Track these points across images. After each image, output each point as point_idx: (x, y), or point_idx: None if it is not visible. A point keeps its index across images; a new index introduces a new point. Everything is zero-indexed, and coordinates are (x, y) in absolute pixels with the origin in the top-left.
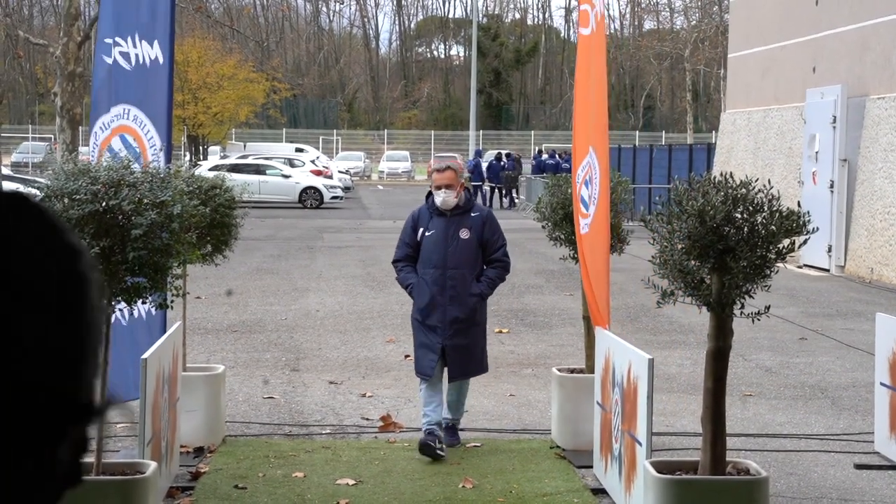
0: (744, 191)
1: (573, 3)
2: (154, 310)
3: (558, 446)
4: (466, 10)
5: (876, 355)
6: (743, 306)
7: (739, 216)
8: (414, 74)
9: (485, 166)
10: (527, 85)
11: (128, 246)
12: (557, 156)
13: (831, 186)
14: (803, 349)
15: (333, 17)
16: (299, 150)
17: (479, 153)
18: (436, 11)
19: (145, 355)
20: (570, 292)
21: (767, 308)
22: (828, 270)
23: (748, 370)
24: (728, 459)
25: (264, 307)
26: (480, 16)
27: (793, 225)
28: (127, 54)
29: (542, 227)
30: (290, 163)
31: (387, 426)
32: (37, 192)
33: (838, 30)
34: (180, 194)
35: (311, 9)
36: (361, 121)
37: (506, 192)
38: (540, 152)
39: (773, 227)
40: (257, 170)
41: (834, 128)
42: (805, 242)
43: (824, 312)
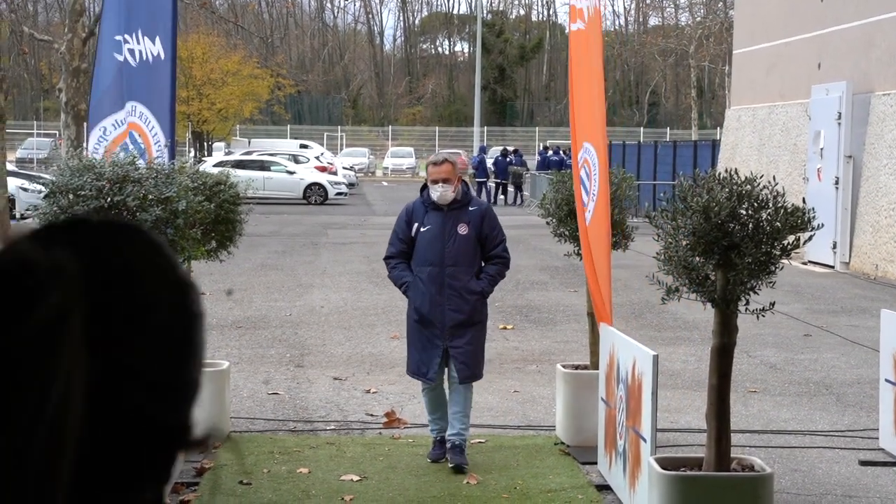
0: (748, 187)
1: None
2: None
3: (563, 442)
4: (471, 6)
5: (881, 352)
6: (748, 303)
7: (744, 213)
8: (418, 71)
9: (490, 162)
10: (531, 81)
11: None
12: (562, 152)
13: (836, 183)
14: (808, 346)
15: (338, 13)
16: (304, 147)
17: (483, 150)
18: (440, 7)
19: None
20: (574, 289)
21: (772, 304)
22: (832, 267)
23: (753, 366)
24: (733, 456)
25: (269, 303)
26: (485, 12)
27: (797, 221)
28: (133, 51)
29: (547, 223)
30: (295, 159)
31: (391, 422)
32: (43, 188)
33: (843, 26)
34: (185, 190)
35: (315, 5)
36: (366, 117)
37: (514, 188)
38: (545, 148)
39: (777, 223)
40: (262, 166)
41: (839, 124)
42: (810, 239)
43: (829, 309)
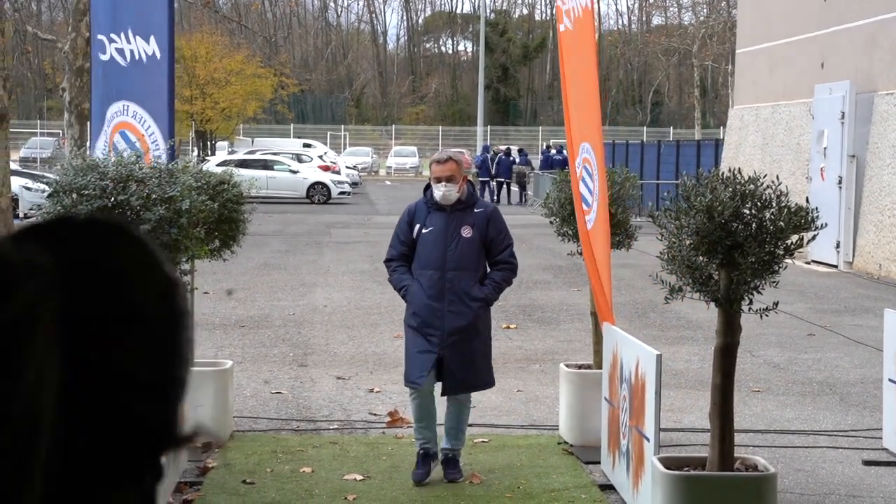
0: (752, 187)
1: None
2: None
3: (566, 442)
4: (474, 5)
5: (884, 351)
6: (751, 302)
7: (747, 212)
8: (421, 70)
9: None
10: (534, 80)
11: None
12: (565, 151)
13: (839, 182)
14: (811, 345)
15: (341, 12)
16: (307, 146)
17: (486, 149)
18: (443, 7)
19: None
20: (577, 288)
21: (775, 304)
22: (836, 266)
23: (756, 366)
24: (736, 455)
25: (272, 302)
26: (488, 11)
27: (801, 221)
28: (122, 50)
29: (550, 222)
30: (298, 158)
31: (394, 422)
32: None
33: (847, 25)
34: (188, 190)
35: (318, 4)
36: (369, 116)
37: (518, 187)
38: (548, 148)
39: (781, 223)
40: (265, 165)
41: (842, 123)
42: (813, 238)
43: (832, 308)
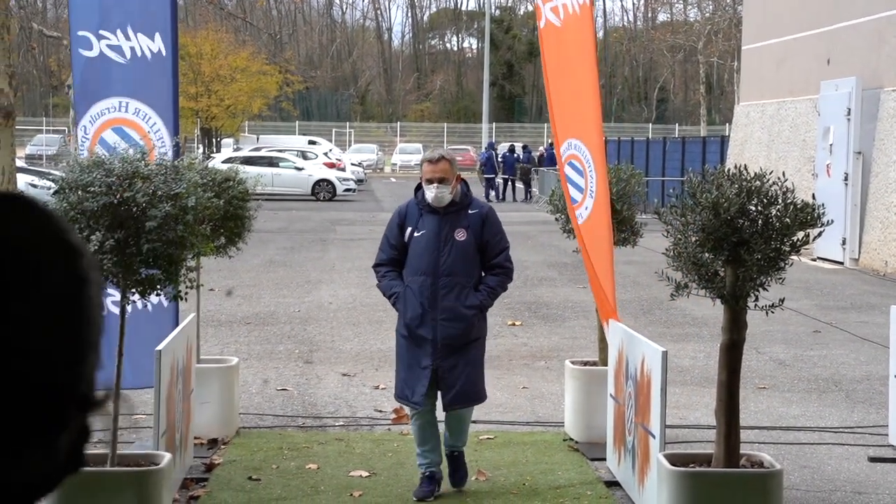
0: (758, 183)
1: None
2: (167, 302)
3: (571, 439)
4: (479, 2)
5: (890, 348)
6: (757, 299)
7: (753, 208)
8: (427, 67)
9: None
10: (540, 77)
11: (142, 238)
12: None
13: (845, 179)
14: (817, 342)
15: (346, 9)
16: (312, 143)
17: (491, 146)
18: (448, 4)
19: (159, 347)
20: (583, 285)
21: (781, 301)
22: (842, 263)
23: (762, 363)
24: (742, 452)
25: (277, 299)
26: (493, 8)
27: (807, 217)
28: (119, 47)
29: (556, 219)
30: (303, 155)
31: (400, 418)
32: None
33: (853, 21)
34: (194, 186)
35: (323, 1)
36: (374, 113)
37: (523, 184)
38: (552, 145)
39: (787, 219)
40: (270, 162)
41: (848, 120)
42: (819, 235)
43: (838, 305)
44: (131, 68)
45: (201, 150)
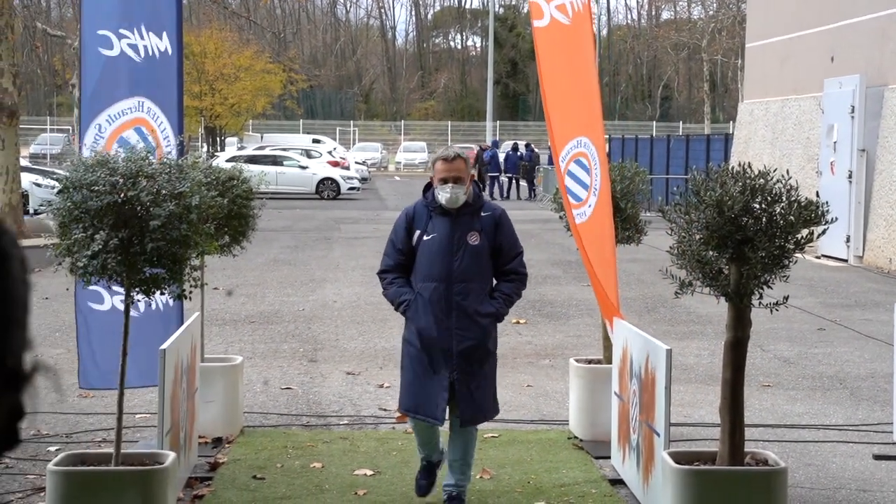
0: (762, 181)
1: None
2: (172, 301)
3: (576, 437)
4: (483, 0)
5: (895, 345)
6: (761, 297)
7: (757, 206)
8: (430, 65)
9: (502, 157)
10: None
11: (146, 237)
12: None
13: (849, 176)
14: (821, 340)
15: (350, 7)
16: (316, 141)
17: (495, 144)
18: (452, 2)
19: (164, 346)
20: (587, 283)
21: (786, 298)
22: (846, 261)
23: (766, 361)
24: (746, 450)
25: (281, 298)
26: (497, 6)
27: (811, 215)
28: (135, 46)
29: (560, 217)
30: (307, 154)
31: (404, 417)
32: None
33: (857, 19)
34: (198, 185)
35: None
36: (378, 112)
37: (527, 182)
38: None
39: (791, 217)
40: (274, 161)
41: (852, 118)
42: (823, 233)
43: (842, 303)
44: (144, 67)
45: (205, 149)
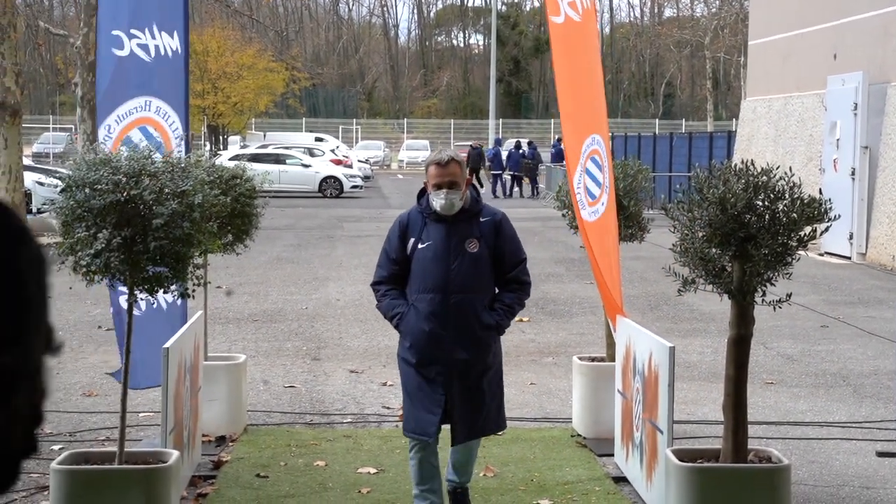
0: (765, 178)
1: None
2: (178, 300)
3: (579, 435)
4: None
5: None
6: (764, 294)
7: (760, 204)
8: (433, 63)
9: (504, 155)
10: (546, 73)
11: (149, 235)
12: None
13: (852, 174)
14: (825, 337)
15: (353, 6)
16: (319, 140)
17: (498, 142)
18: (455, 0)
19: (167, 345)
20: (590, 281)
21: (789, 296)
22: (849, 258)
23: (769, 358)
24: (750, 447)
25: (285, 296)
26: (500, 4)
27: (814, 212)
28: (146, 46)
29: (563, 215)
30: (310, 152)
31: None
32: (59, 182)
33: (859, 16)
34: (201, 184)
35: None
36: (381, 110)
37: (530, 181)
38: (559, 140)
39: (794, 214)
40: (277, 159)
41: (855, 115)
42: (826, 230)
43: (846, 300)
44: (154, 67)
45: (208, 147)
